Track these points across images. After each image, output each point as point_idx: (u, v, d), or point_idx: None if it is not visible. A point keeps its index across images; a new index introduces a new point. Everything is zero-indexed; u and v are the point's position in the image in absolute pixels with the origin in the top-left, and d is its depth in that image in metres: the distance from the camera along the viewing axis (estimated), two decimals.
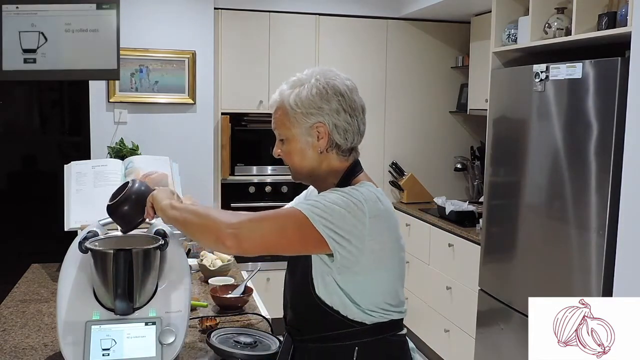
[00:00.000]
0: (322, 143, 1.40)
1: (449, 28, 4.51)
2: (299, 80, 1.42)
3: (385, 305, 1.37)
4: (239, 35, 4.16)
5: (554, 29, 2.83)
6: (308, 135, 1.40)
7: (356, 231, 1.29)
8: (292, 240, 1.31)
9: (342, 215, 1.28)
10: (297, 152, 1.42)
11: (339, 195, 1.31)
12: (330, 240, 1.28)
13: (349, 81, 1.45)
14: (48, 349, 1.68)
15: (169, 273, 1.57)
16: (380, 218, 1.33)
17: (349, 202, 1.30)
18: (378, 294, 1.36)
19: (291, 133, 1.41)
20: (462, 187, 4.61)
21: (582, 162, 2.56)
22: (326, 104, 1.39)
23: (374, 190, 1.37)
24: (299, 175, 1.46)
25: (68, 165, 2.24)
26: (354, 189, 1.34)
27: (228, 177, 4.23)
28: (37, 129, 5.01)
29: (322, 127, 1.39)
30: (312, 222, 1.27)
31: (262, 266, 2.90)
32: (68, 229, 2.07)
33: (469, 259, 3.46)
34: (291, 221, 1.30)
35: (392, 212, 1.40)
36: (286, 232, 1.31)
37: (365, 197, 1.32)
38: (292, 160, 1.44)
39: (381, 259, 1.35)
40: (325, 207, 1.29)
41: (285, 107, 1.40)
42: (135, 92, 3.94)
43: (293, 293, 1.44)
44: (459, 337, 3.62)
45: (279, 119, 1.43)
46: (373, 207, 1.32)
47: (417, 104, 4.53)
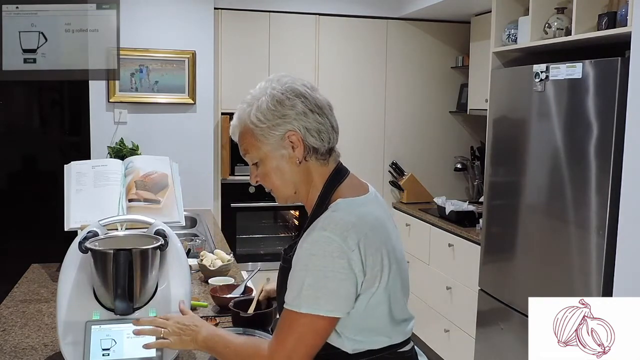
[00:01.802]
0: (299, 152, 1.31)
1: (449, 28, 4.51)
2: (254, 97, 1.33)
3: (380, 332, 1.30)
4: (239, 35, 4.16)
5: (554, 29, 2.83)
6: (282, 148, 1.31)
7: (355, 276, 1.22)
8: (317, 337, 1.24)
9: (336, 280, 1.20)
10: (275, 171, 1.33)
11: (316, 259, 1.21)
12: (342, 312, 1.23)
13: (305, 81, 1.36)
14: (48, 349, 1.68)
15: (169, 273, 1.57)
16: (368, 235, 1.25)
17: (333, 260, 1.20)
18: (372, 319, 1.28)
19: (263, 152, 1.32)
20: (462, 187, 4.61)
21: (582, 162, 2.56)
22: (290, 109, 1.30)
23: (353, 207, 1.28)
24: (284, 195, 1.37)
25: (68, 165, 2.23)
26: (325, 234, 1.22)
27: (228, 177, 4.22)
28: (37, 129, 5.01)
29: (293, 134, 1.30)
30: (319, 314, 1.21)
31: (262, 266, 2.90)
32: (68, 229, 2.07)
33: (469, 259, 3.46)
34: (301, 327, 1.23)
35: (382, 221, 1.31)
36: (307, 338, 1.23)
37: (341, 228, 1.22)
38: (271, 181, 1.35)
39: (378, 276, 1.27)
40: (316, 287, 1.20)
41: (248, 126, 1.31)
42: (135, 92, 3.94)
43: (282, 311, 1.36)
44: (459, 337, 3.62)
45: (245, 142, 1.33)
46: (357, 233, 1.23)
47: (417, 104, 4.53)
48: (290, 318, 1.24)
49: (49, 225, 2.83)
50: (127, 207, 2.08)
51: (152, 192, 2.13)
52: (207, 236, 3.10)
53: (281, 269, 1.38)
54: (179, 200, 2.15)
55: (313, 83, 1.37)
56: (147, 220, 1.61)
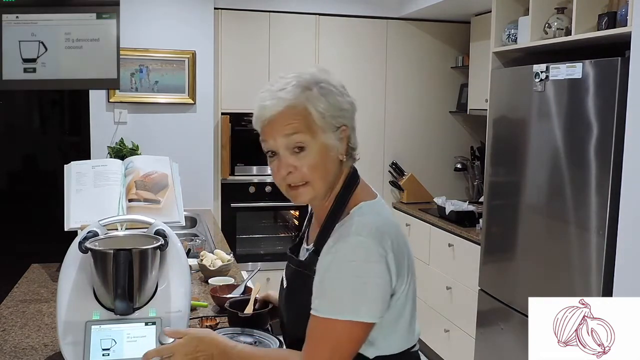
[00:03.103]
0: (344, 148, 1.27)
1: (449, 28, 4.51)
2: (306, 81, 1.24)
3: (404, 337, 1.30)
4: (239, 35, 4.16)
5: (554, 29, 2.83)
6: (336, 139, 1.24)
7: (390, 279, 1.21)
8: (354, 344, 1.20)
9: (374, 285, 1.18)
10: (322, 163, 1.24)
11: (354, 265, 1.18)
12: (379, 317, 1.20)
13: None
14: (48, 349, 1.68)
15: (169, 273, 1.57)
16: (396, 244, 1.23)
17: (371, 265, 1.18)
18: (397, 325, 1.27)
19: (318, 138, 1.22)
20: (462, 187, 4.61)
21: (582, 162, 2.56)
22: (347, 104, 1.26)
23: (376, 210, 1.27)
24: (318, 192, 1.27)
25: (68, 165, 2.23)
26: (361, 239, 1.19)
27: (228, 177, 4.23)
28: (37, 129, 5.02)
29: (344, 130, 1.26)
30: (359, 321, 1.18)
31: (262, 266, 2.91)
32: (68, 229, 2.07)
33: (469, 259, 3.46)
34: (338, 335, 1.18)
35: (396, 223, 1.30)
36: (343, 346, 1.19)
37: (375, 232, 1.20)
38: (312, 174, 1.24)
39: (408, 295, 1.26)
40: (356, 293, 1.17)
41: (306, 109, 1.22)
42: (135, 92, 3.94)
43: (293, 318, 1.34)
44: (459, 337, 3.62)
45: (298, 122, 1.22)
46: (388, 236, 1.21)
47: (417, 104, 4.53)
48: (325, 326, 1.19)
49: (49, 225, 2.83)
50: (127, 207, 2.08)
51: (152, 192, 2.13)
52: (207, 236, 3.10)
53: (295, 273, 1.34)
54: (179, 200, 2.15)
55: None
56: (147, 220, 1.61)
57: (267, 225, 4.54)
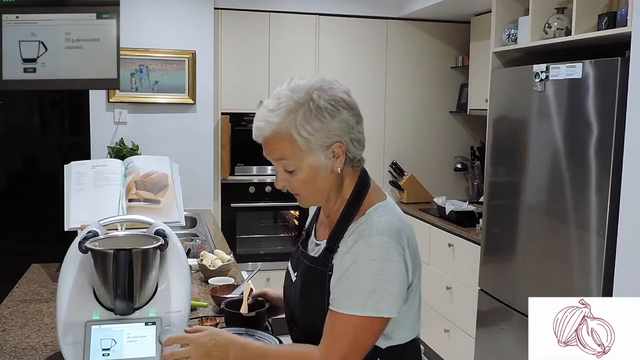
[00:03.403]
0: (340, 162, 1.30)
1: (449, 28, 4.51)
2: (294, 102, 1.26)
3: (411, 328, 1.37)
4: (239, 35, 4.16)
5: (554, 29, 2.83)
6: (324, 158, 1.28)
7: (407, 275, 1.28)
8: (372, 338, 1.27)
9: (395, 282, 1.25)
10: (313, 180, 1.30)
11: (377, 264, 1.24)
12: (398, 312, 1.27)
13: (342, 86, 1.33)
14: (48, 349, 1.68)
15: (169, 273, 1.56)
16: (411, 241, 1.31)
17: (392, 264, 1.25)
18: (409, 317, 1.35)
19: (305, 162, 1.28)
20: (462, 187, 4.61)
21: (582, 162, 2.56)
22: (339, 122, 1.26)
23: (391, 210, 1.34)
24: (312, 202, 1.37)
25: (68, 165, 2.23)
26: (383, 238, 1.25)
27: (228, 177, 4.23)
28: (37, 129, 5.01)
29: (339, 146, 1.28)
30: (380, 316, 1.25)
31: (262, 266, 2.91)
32: (68, 229, 2.07)
33: (469, 259, 3.46)
34: (358, 330, 1.24)
35: (408, 222, 1.37)
36: (363, 340, 1.26)
37: (395, 232, 1.27)
38: (307, 188, 1.32)
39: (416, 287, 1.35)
40: (379, 291, 1.23)
41: (291, 135, 1.25)
42: (135, 92, 3.94)
43: (307, 313, 1.38)
44: (459, 337, 3.62)
45: (283, 148, 1.27)
46: (405, 234, 1.29)
47: (417, 104, 4.53)
48: (347, 322, 1.24)
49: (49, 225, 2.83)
50: (127, 207, 2.08)
51: (152, 192, 2.13)
52: (207, 236, 3.10)
53: (309, 269, 1.37)
54: (179, 200, 2.15)
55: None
56: (147, 220, 1.61)
57: (267, 225, 4.54)
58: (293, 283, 1.43)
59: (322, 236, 1.39)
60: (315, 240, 1.43)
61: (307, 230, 1.50)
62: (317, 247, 1.39)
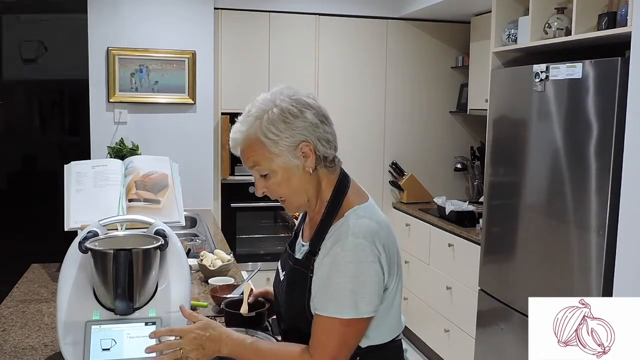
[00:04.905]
0: (310, 162, 1.34)
1: (449, 28, 4.51)
2: (261, 109, 1.33)
3: (390, 329, 1.40)
4: (239, 35, 4.16)
5: (554, 29, 2.83)
6: (294, 158, 1.33)
7: (384, 277, 1.31)
8: (357, 338, 1.32)
9: (372, 283, 1.29)
10: (287, 181, 1.35)
11: (353, 266, 1.28)
12: (375, 311, 1.32)
13: (308, 92, 1.38)
14: (48, 349, 1.68)
15: (169, 273, 1.57)
16: (387, 244, 1.33)
17: (368, 265, 1.28)
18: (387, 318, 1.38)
19: (276, 164, 1.33)
20: (462, 187, 4.61)
21: (582, 162, 2.56)
22: (302, 120, 1.31)
23: (370, 212, 1.35)
24: (296, 204, 1.40)
25: (68, 165, 2.23)
26: (359, 241, 1.28)
27: (228, 177, 4.22)
28: (37, 129, 5.01)
29: (306, 145, 1.32)
30: (361, 317, 1.29)
31: (262, 266, 2.90)
32: (68, 229, 2.07)
33: (469, 259, 3.46)
34: (344, 332, 1.29)
35: (387, 223, 1.38)
36: (349, 341, 1.31)
37: (371, 234, 1.30)
38: (283, 192, 1.37)
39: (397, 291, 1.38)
40: (357, 292, 1.27)
41: (259, 139, 1.31)
42: (135, 92, 3.94)
43: (291, 311, 1.43)
44: (459, 337, 3.62)
45: (255, 154, 1.33)
46: (381, 237, 1.31)
47: (417, 104, 4.53)
48: (331, 324, 1.29)
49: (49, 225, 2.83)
50: (127, 207, 2.08)
51: (152, 192, 2.14)
52: (207, 236, 3.10)
53: (293, 270, 1.42)
54: (179, 200, 2.15)
55: (312, 87, 1.39)
56: (147, 220, 1.61)
57: (267, 225, 4.53)
58: (281, 282, 1.47)
59: (307, 238, 1.44)
60: (301, 242, 1.47)
61: (296, 231, 1.55)
62: (302, 248, 1.43)
